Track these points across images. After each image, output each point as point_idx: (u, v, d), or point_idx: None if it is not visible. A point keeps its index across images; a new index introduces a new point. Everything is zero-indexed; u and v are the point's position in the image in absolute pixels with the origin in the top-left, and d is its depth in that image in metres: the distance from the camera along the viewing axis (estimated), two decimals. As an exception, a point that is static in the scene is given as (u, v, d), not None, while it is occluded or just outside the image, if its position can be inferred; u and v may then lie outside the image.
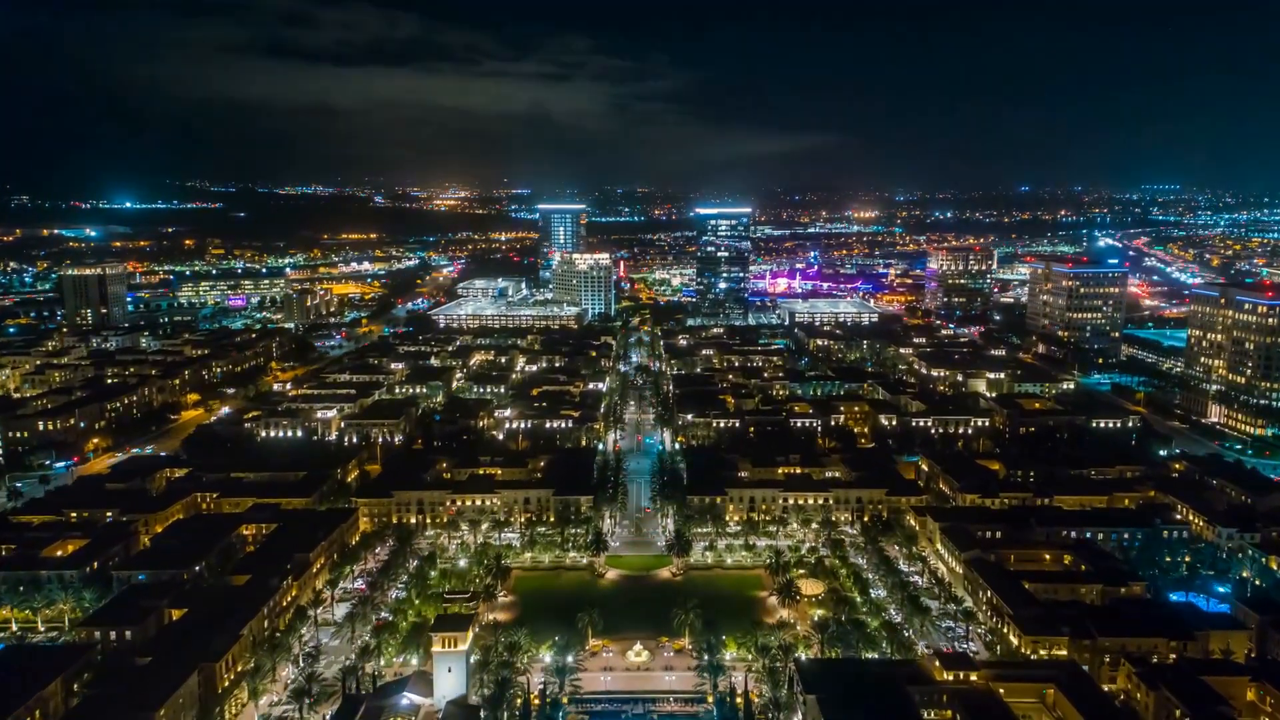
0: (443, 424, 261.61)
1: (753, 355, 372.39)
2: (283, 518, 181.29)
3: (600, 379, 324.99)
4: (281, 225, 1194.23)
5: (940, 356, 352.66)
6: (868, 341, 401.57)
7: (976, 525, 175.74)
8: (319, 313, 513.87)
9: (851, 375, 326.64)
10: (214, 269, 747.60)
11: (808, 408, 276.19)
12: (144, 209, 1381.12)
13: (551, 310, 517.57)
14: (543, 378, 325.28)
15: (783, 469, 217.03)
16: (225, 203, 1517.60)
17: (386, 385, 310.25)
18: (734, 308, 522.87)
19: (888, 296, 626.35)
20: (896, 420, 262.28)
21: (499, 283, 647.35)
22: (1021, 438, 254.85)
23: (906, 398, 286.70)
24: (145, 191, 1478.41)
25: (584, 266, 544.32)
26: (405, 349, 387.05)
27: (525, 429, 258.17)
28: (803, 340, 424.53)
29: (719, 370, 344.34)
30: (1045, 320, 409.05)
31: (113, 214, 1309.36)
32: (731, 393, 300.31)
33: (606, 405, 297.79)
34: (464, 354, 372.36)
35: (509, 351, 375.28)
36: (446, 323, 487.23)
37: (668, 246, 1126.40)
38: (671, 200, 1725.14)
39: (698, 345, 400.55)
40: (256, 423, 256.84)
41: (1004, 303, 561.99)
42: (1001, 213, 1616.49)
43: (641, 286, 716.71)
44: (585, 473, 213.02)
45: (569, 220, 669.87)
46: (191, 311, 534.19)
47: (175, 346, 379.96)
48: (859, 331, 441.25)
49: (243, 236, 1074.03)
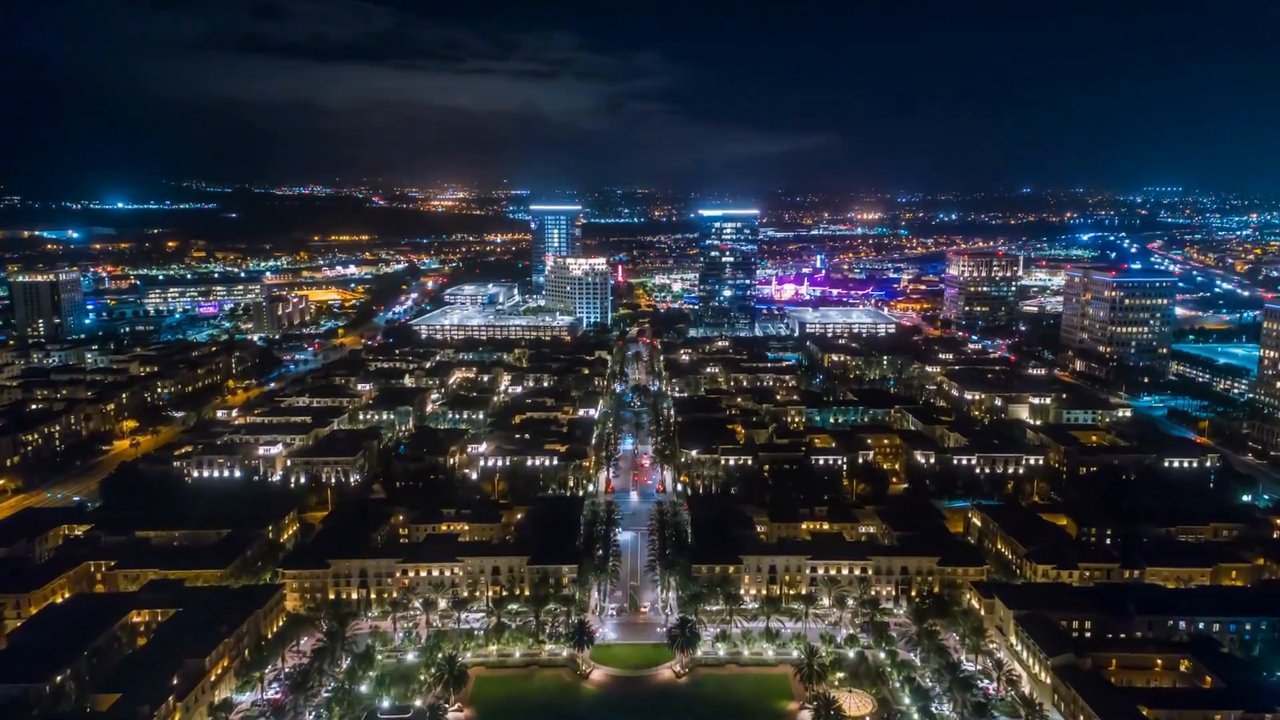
0: (407, 460, 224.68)
1: (763, 373, 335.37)
2: (186, 598, 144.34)
3: (592, 403, 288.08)
4: (274, 227, 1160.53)
5: (973, 377, 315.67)
6: (888, 357, 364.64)
7: (1059, 612, 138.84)
8: (291, 322, 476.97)
9: (876, 399, 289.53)
10: (190, 274, 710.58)
11: (830, 441, 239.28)
12: (136, 210, 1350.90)
13: (543, 320, 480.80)
14: (528, 401, 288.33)
15: (807, 524, 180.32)
16: (221, 203, 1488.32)
17: (349, 411, 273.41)
18: (740, 317, 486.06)
19: (902, 304, 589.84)
20: (935, 458, 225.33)
21: (489, 289, 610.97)
22: (1082, 479, 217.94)
23: (942, 428, 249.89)
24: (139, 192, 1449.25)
25: (579, 272, 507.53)
26: (378, 365, 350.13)
27: (503, 467, 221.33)
28: (816, 355, 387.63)
29: (726, 392, 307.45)
30: (1084, 334, 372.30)
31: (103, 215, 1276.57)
32: (741, 420, 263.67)
33: (599, 435, 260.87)
34: (442, 372, 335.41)
35: (492, 370, 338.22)
36: (429, 333, 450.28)
37: (668, 249, 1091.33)
38: (672, 201, 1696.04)
39: (701, 361, 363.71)
40: (188, 460, 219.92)
41: (1027, 311, 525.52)
42: (1007, 215, 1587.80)
43: (641, 292, 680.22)
44: (569, 529, 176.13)
45: (564, 222, 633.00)
46: (156, 320, 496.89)
47: (123, 363, 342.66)
48: (877, 345, 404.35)
49: (232, 238, 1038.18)
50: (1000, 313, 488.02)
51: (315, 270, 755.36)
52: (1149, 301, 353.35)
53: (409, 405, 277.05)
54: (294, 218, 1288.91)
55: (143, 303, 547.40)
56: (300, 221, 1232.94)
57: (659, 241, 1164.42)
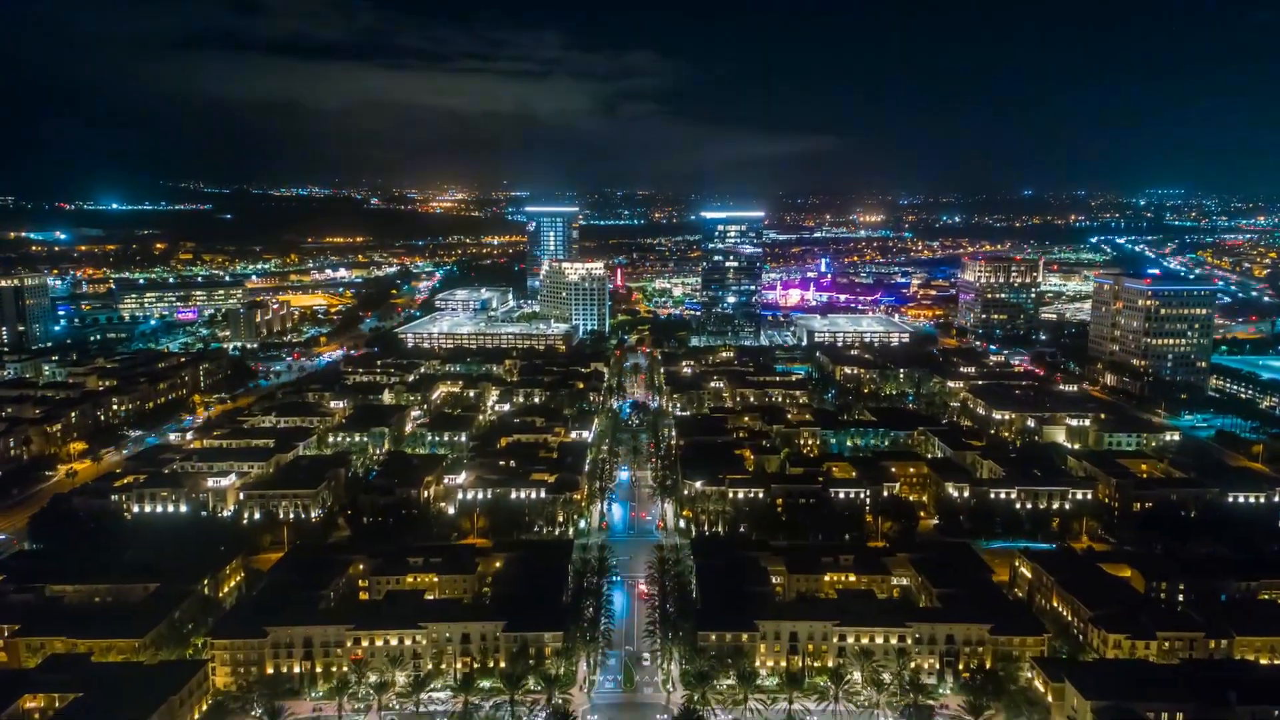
0: (376, 492, 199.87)
1: (771, 388, 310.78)
2: (90, 679, 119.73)
3: (586, 423, 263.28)
4: (269, 228, 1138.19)
5: (1000, 394, 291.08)
6: (904, 370, 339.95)
7: (1146, 703, 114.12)
8: (271, 329, 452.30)
9: (896, 420, 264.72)
10: (172, 277, 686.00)
11: (850, 470, 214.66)
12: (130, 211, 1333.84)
13: (537, 328, 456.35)
14: (516, 421, 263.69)
15: (830, 575, 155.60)
16: (217, 204, 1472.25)
17: (318, 433, 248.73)
18: (744, 325, 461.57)
19: (913, 310, 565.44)
20: (969, 491, 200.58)
21: (482, 293, 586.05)
22: (1136, 518, 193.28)
23: (974, 454, 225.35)
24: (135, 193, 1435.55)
25: (574, 277, 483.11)
26: (357, 378, 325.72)
27: (484, 501, 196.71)
28: (827, 367, 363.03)
29: (731, 410, 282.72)
30: (1114, 346, 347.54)
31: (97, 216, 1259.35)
32: (750, 443, 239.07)
33: (592, 460, 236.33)
34: (425, 386, 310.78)
35: (479, 384, 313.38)
36: (415, 342, 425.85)
37: (668, 251, 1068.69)
38: (672, 203, 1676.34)
39: (705, 374, 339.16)
40: (129, 493, 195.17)
41: (1046, 319, 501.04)
42: (1010, 217, 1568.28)
43: (640, 297, 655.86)
44: (555, 581, 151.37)
45: (560, 224, 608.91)
46: (129, 328, 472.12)
47: (80, 375, 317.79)
48: (891, 356, 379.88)
49: (224, 240, 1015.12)
50: (1019, 321, 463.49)
51: (304, 274, 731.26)
52: (1187, 311, 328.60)
53: (385, 426, 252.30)
54: (290, 219, 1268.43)
55: (117, 309, 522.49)
56: (296, 223, 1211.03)
57: (659, 244, 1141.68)
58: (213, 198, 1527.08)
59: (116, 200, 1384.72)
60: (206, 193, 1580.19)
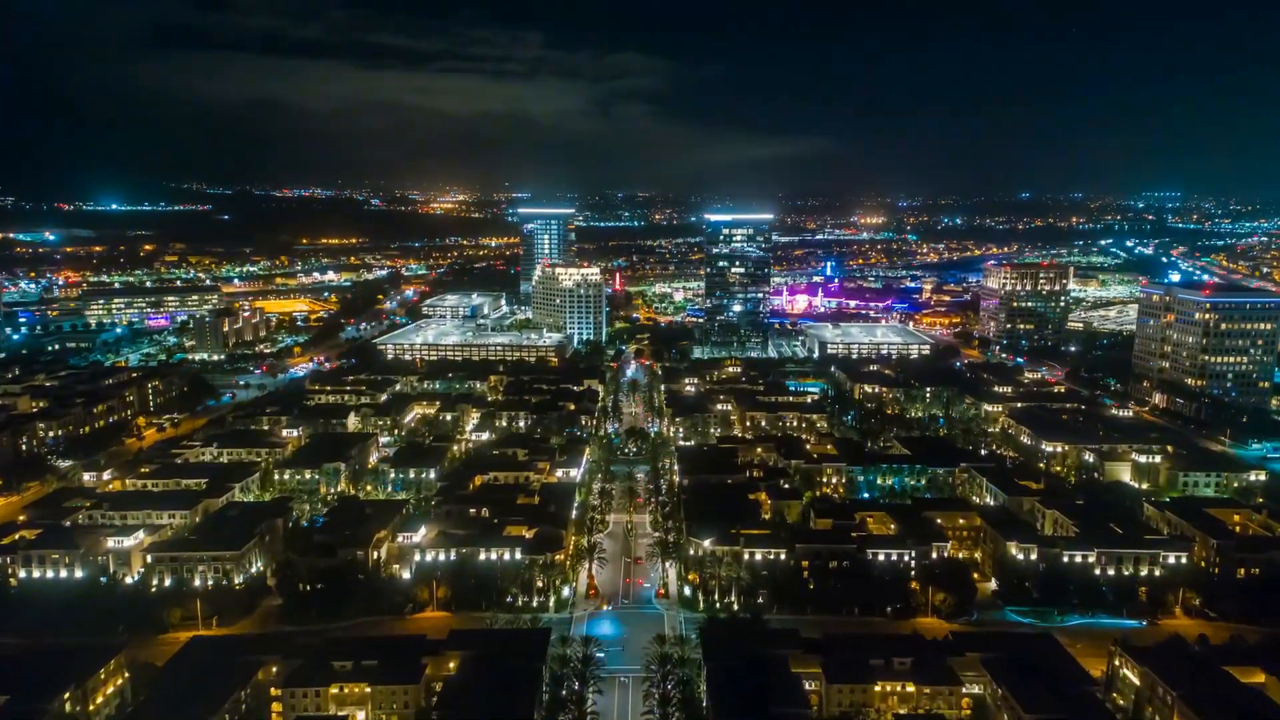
0: (316, 554, 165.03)
1: (785, 410, 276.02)
2: None
3: (576, 456, 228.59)
4: (266, 229, 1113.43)
5: (1046, 420, 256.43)
6: (930, 389, 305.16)
7: None
8: (242, 339, 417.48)
9: (932, 452, 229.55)
10: (151, 280, 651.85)
11: (888, 521, 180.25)
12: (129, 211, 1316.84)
13: (528, 338, 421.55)
14: (494, 454, 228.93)
15: (882, 683, 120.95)
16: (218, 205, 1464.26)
17: (263, 469, 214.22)
18: (750, 335, 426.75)
19: (928, 318, 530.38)
20: (1037, 552, 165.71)
21: (473, 299, 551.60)
22: (1241, 587, 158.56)
23: (1032, 501, 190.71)
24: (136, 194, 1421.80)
25: (569, 283, 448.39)
26: (322, 398, 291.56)
27: (447, 562, 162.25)
28: (843, 384, 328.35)
29: (742, 441, 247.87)
30: (1164, 363, 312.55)
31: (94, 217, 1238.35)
32: (765, 483, 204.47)
33: (581, 503, 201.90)
34: (397, 409, 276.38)
35: (458, 406, 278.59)
36: (395, 354, 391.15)
37: (669, 254, 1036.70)
38: (673, 205, 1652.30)
39: (710, 393, 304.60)
40: (14, 555, 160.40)
41: (1073, 329, 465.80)
42: (1012, 219, 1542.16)
43: (640, 302, 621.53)
44: (524, 692, 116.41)
45: (556, 226, 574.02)
46: (93, 336, 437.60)
47: (14, 394, 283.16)
48: (913, 371, 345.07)
49: (220, 241, 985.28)
50: (1047, 331, 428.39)
51: (290, 277, 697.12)
52: (1250, 326, 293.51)
53: (342, 460, 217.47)
54: (289, 220, 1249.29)
55: (84, 315, 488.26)
56: (295, 224, 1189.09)
57: (659, 246, 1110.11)
58: (214, 199, 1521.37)
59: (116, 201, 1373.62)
60: (209, 194, 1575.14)
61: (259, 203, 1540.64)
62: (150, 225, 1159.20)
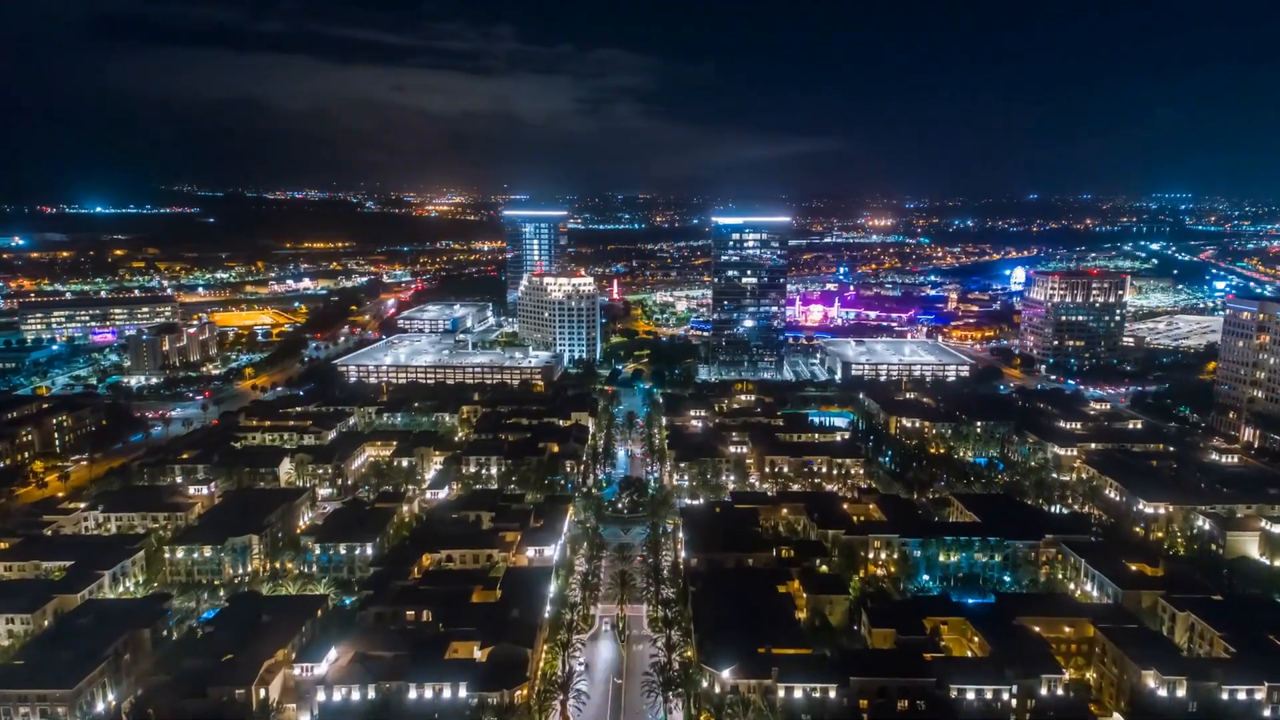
0: (178, 693, 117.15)
1: (811, 453, 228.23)
2: None
3: (555, 518, 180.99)
4: (251, 232, 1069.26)
5: (1135, 470, 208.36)
6: (981, 423, 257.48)
7: None
8: (187, 358, 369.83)
9: (1002, 515, 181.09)
10: (105, 290, 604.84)
11: (969, 633, 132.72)
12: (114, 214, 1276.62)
13: (511, 357, 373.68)
14: (452, 520, 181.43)
15: None
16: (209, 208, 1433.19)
17: (150, 545, 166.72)
18: (764, 353, 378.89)
19: (958, 331, 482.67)
20: (1186, 687, 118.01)
21: (455, 310, 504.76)
22: None
23: (1155, 597, 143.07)
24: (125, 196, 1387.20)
25: (559, 294, 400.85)
26: (255, 437, 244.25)
27: (361, 708, 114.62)
28: (876, 416, 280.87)
29: (763, 499, 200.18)
30: (1257, 391, 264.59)
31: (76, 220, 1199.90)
32: (797, 565, 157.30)
33: (557, 594, 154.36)
34: (345, 452, 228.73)
35: (417, 449, 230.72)
36: (359, 376, 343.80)
37: (670, 258, 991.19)
38: (674, 206, 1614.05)
39: (721, 429, 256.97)
40: None
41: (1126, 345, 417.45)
42: (1026, 221, 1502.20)
43: (640, 313, 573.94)
44: None
45: (547, 230, 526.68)
46: (21, 356, 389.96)
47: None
48: (954, 397, 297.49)
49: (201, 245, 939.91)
50: (1099, 349, 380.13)
51: (261, 285, 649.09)
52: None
53: (258, 531, 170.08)
54: (279, 223, 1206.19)
55: (20, 329, 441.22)
56: (283, 227, 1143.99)
57: (661, 250, 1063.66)
58: (205, 201, 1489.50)
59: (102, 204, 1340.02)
60: (200, 196, 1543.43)
61: (250, 205, 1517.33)
62: (134, 229, 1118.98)
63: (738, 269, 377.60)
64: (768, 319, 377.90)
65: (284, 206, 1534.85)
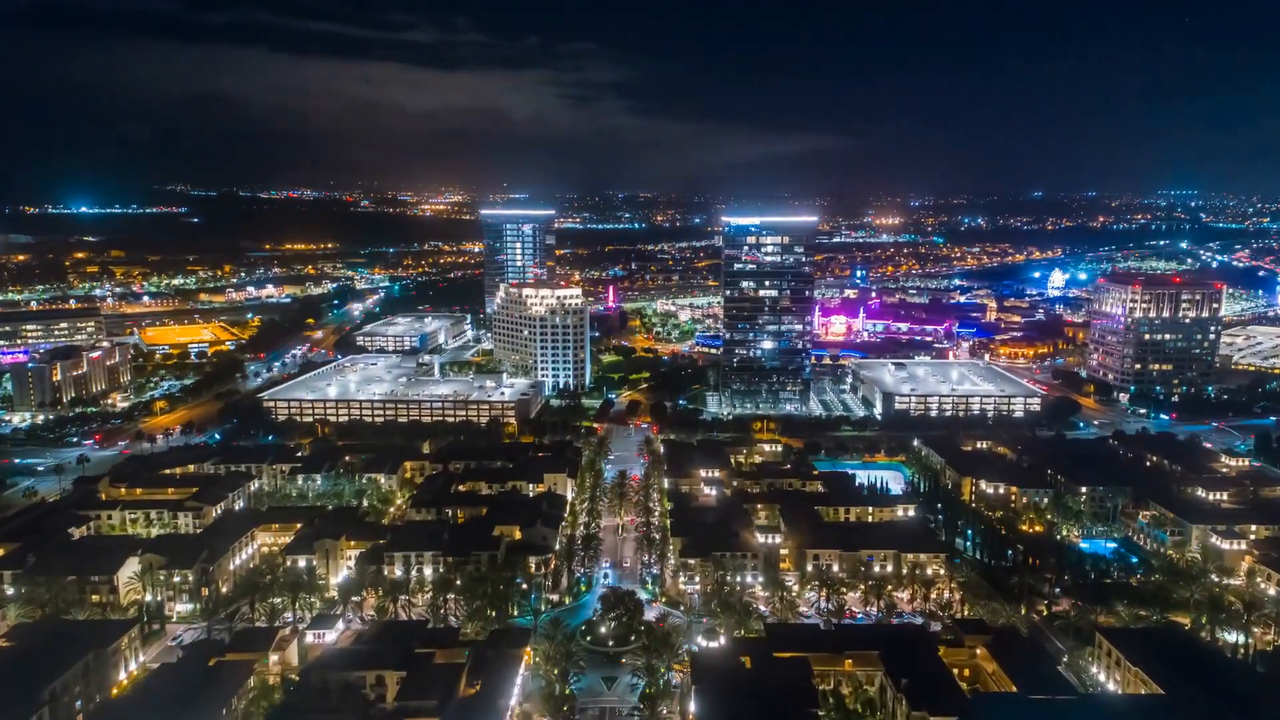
0: None
1: (869, 545, 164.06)
2: None
3: (502, 674, 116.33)
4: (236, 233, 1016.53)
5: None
6: (1087, 490, 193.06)
7: None
8: (87, 389, 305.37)
9: (1176, 657, 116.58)
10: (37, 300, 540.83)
11: None
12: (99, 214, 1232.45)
13: (480, 387, 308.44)
14: (336, 687, 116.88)
15: None
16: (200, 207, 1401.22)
17: None
18: (786, 380, 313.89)
19: (1005, 348, 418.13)
20: None
21: (426, 324, 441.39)
22: None
23: None
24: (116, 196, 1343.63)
25: (540, 309, 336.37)
26: (108, 515, 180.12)
27: None
28: (939, 473, 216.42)
29: (814, 648, 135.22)
30: None
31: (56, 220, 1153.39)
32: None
33: None
34: (222, 543, 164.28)
35: (324, 540, 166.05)
36: (290, 414, 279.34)
37: (672, 260, 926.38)
38: (676, 205, 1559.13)
39: (741, 497, 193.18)
40: None
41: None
42: (1039, 219, 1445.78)
43: (639, 324, 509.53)
44: None
45: (531, 233, 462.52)
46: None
47: None
48: (1039, 450, 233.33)
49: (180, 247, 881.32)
50: (1191, 372, 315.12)
51: (217, 293, 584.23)
52: None
53: (28, 710, 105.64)
54: (266, 223, 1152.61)
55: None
56: (269, 227, 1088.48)
57: (662, 250, 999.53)
58: (198, 201, 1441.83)
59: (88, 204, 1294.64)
60: (193, 195, 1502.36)
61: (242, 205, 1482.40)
62: (115, 230, 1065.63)
63: (754, 278, 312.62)
64: (790, 339, 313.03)
65: (276, 206, 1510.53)
